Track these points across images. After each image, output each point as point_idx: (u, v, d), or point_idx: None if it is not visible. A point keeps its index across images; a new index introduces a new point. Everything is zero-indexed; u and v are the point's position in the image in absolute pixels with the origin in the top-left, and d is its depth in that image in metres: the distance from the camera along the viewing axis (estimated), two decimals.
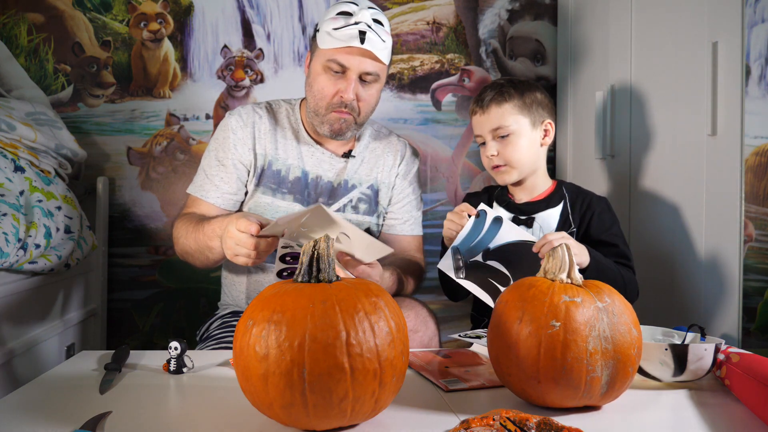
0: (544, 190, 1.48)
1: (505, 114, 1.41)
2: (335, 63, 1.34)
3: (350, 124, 1.41)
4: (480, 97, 1.45)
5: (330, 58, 1.34)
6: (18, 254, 1.41)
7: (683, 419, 0.86)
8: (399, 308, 0.82)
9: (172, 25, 2.11)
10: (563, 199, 1.47)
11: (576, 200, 1.46)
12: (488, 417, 0.73)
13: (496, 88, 1.44)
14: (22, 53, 2.06)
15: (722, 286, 1.38)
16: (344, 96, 1.36)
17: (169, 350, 1.03)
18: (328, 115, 1.39)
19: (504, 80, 1.47)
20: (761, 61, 1.98)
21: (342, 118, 1.39)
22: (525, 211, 1.46)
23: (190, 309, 2.11)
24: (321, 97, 1.38)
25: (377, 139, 1.56)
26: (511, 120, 1.41)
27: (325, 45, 1.35)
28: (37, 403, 0.88)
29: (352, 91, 1.36)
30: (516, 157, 1.41)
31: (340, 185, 1.48)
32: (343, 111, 1.38)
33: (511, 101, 1.41)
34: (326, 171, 1.47)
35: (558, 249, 0.90)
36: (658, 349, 0.95)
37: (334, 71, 1.35)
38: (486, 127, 1.42)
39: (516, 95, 1.42)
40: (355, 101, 1.37)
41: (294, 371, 0.72)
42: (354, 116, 1.40)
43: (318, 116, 1.40)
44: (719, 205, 1.39)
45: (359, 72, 1.35)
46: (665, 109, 1.57)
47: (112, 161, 2.09)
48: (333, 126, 1.39)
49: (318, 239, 0.81)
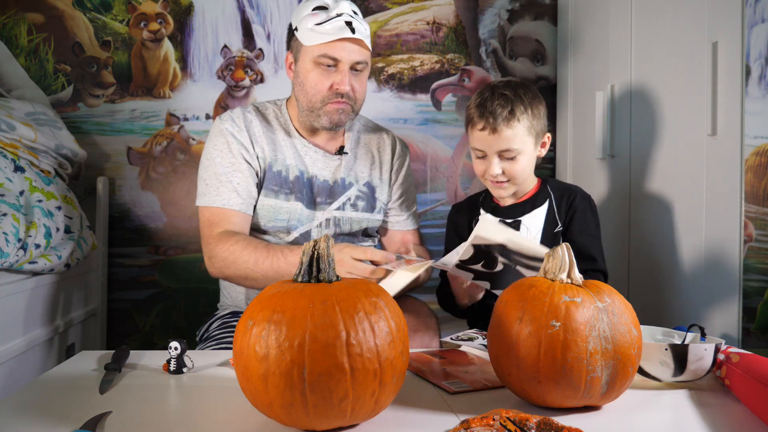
0: (529, 191, 1.46)
1: (516, 137, 1.34)
2: (326, 57, 1.35)
3: (348, 113, 1.41)
4: (487, 110, 1.34)
5: (320, 53, 1.35)
6: (18, 254, 1.41)
7: (683, 419, 0.86)
8: (399, 308, 0.82)
9: (172, 25, 2.11)
10: (548, 198, 1.44)
11: (562, 198, 1.44)
12: (488, 417, 0.73)
13: (506, 103, 1.34)
14: (22, 53, 2.06)
15: (722, 286, 1.38)
16: (341, 88, 1.37)
17: (169, 350, 1.03)
18: (324, 108, 1.39)
19: (509, 90, 1.36)
20: (761, 61, 1.98)
21: (340, 109, 1.39)
22: (511, 215, 1.44)
23: (190, 309, 2.11)
24: (315, 92, 1.38)
25: (366, 134, 1.56)
26: (520, 142, 1.35)
27: (310, 41, 1.35)
28: (37, 403, 0.88)
29: (347, 82, 1.37)
30: (519, 174, 1.38)
31: (337, 183, 1.48)
32: (340, 101, 1.38)
33: (522, 122, 1.34)
34: (321, 170, 1.47)
35: (558, 249, 0.90)
36: (658, 349, 0.95)
37: (327, 65, 1.36)
38: (493, 147, 1.35)
39: (526, 114, 1.35)
40: (351, 91, 1.38)
41: (294, 371, 0.72)
42: (351, 104, 1.40)
43: (314, 112, 1.40)
44: (719, 205, 1.39)
45: (351, 62, 1.36)
46: (665, 109, 1.57)
47: (112, 161, 2.09)
48: (332, 118, 1.40)
49: (318, 239, 0.81)
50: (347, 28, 1.33)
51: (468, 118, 1.40)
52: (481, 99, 1.37)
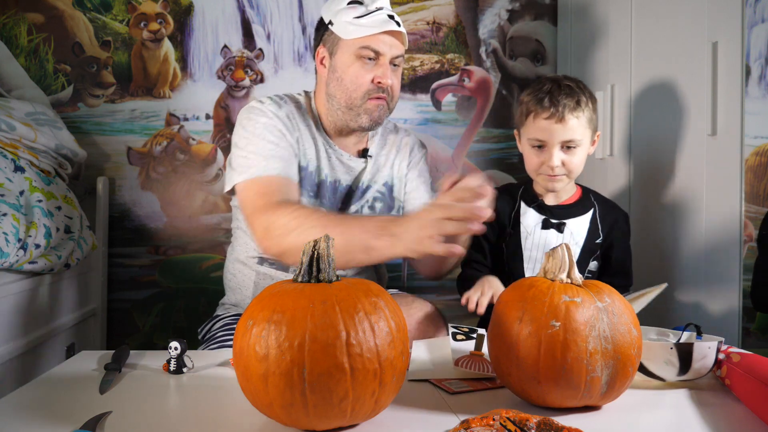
0: (571, 195, 1.47)
1: (580, 127, 1.36)
2: (369, 50, 1.32)
3: (386, 111, 1.39)
4: (554, 98, 1.35)
5: (363, 45, 1.32)
6: (18, 254, 1.41)
7: (683, 419, 0.86)
8: (399, 308, 0.82)
9: (172, 25, 2.11)
10: (592, 208, 1.46)
11: (606, 213, 1.46)
12: (488, 417, 0.73)
13: (572, 94, 1.36)
14: (22, 53, 2.06)
15: (722, 286, 1.38)
16: (383, 81, 1.33)
17: (169, 350, 1.03)
18: (365, 105, 1.35)
19: (572, 83, 1.38)
20: (761, 61, 1.98)
21: (380, 105, 1.36)
22: (557, 216, 1.45)
23: (190, 309, 2.11)
24: (355, 87, 1.34)
25: (388, 135, 1.53)
26: (581, 134, 1.37)
27: (351, 35, 1.32)
28: (37, 403, 0.88)
29: (389, 75, 1.34)
30: (575, 168, 1.39)
31: (359, 188, 1.44)
32: (381, 96, 1.35)
33: (586, 113, 1.36)
34: (343, 174, 1.43)
35: (558, 249, 0.90)
36: (664, 349, 0.95)
37: (368, 58, 1.33)
38: (558, 137, 1.36)
39: (588, 106, 1.37)
40: (390, 87, 1.36)
41: (294, 371, 0.72)
42: (389, 102, 1.38)
43: (353, 109, 1.36)
44: (719, 205, 1.39)
45: (391, 56, 1.35)
46: (665, 109, 1.57)
47: (112, 161, 2.09)
48: (372, 115, 1.36)
49: (318, 239, 0.81)
50: (391, 21, 1.31)
51: (528, 108, 1.39)
52: (547, 89, 1.37)
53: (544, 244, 1.43)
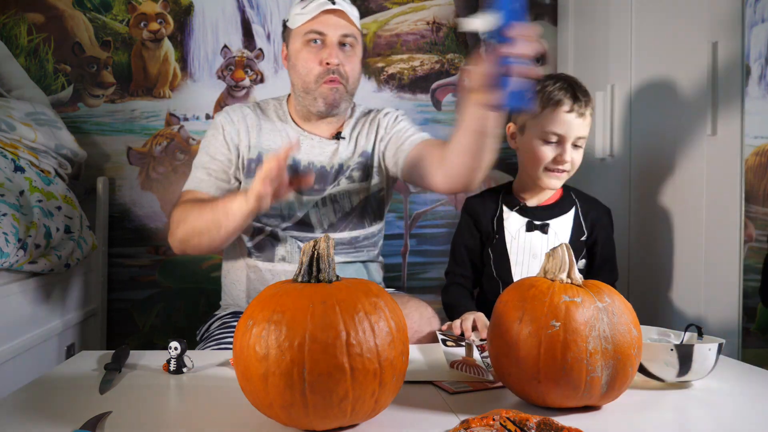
0: (551, 195, 1.47)
1: (588, 126, 1.39)
2: (312, 32, 1.38)
3: (342, 93, 1.42)
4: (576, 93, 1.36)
5: (307, 30, 1.38)
6: (18, 254, 1.41)
7: (683, 419, 0.86)
8: (399, 308, 0.82)
9: (172, 25, 2.11)
10: (574, 205, 1.47)
11: (589, 210, 1.47)
12: (488, 417, 0.73)
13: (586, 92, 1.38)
14: (22, 53, 2.06)
15: (722, 286, 1.38)
16: (330, 61, 1.37)
17: (169, 350, 1.03)
18: (318, 89, 1.40)
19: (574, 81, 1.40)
20: (761, 61, 1.98)
21: (334, 88, 1.40)
22: (540, 217, 1.45)
23: (190, 309, 2.11)
24: (307, 71, 1.40)
25: (364, 117, 1.55)
26: (588, 131, 1.40)
27: (297, 23, 1.39)
28: (37, 403, 0.88)
29: (335, 55, 1.38)
30: (577, 165, 1.41)
31: (333, 167, 1.47)
32: (332, 78, 1.39)
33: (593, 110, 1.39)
34: (317, 156, 1.47)
35: (558, 249, 0.90)
36: (663, 350, 0.95)
37: (314, 41, 1.38)
38: (575, 132, 1.36)
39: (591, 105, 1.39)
40: (341, 66, 1.39)
41: (294, 371, 0.72)
42: (344, 84, 1.41)
43: (309, 94, 1.41)
44: (719, 205, 1.39)
45: (337, 36, 1.38)
46: (665, 109, 1.57)
47: (112, 161, 2.09)
48: (327, 99, 1.41)
49: (318, 239, 0.81)
50: (328, 2, 1.37)
51: (549, 100, 1.36)
52: (565, 83, 1.37)
53: (530, 247, 1.44)
